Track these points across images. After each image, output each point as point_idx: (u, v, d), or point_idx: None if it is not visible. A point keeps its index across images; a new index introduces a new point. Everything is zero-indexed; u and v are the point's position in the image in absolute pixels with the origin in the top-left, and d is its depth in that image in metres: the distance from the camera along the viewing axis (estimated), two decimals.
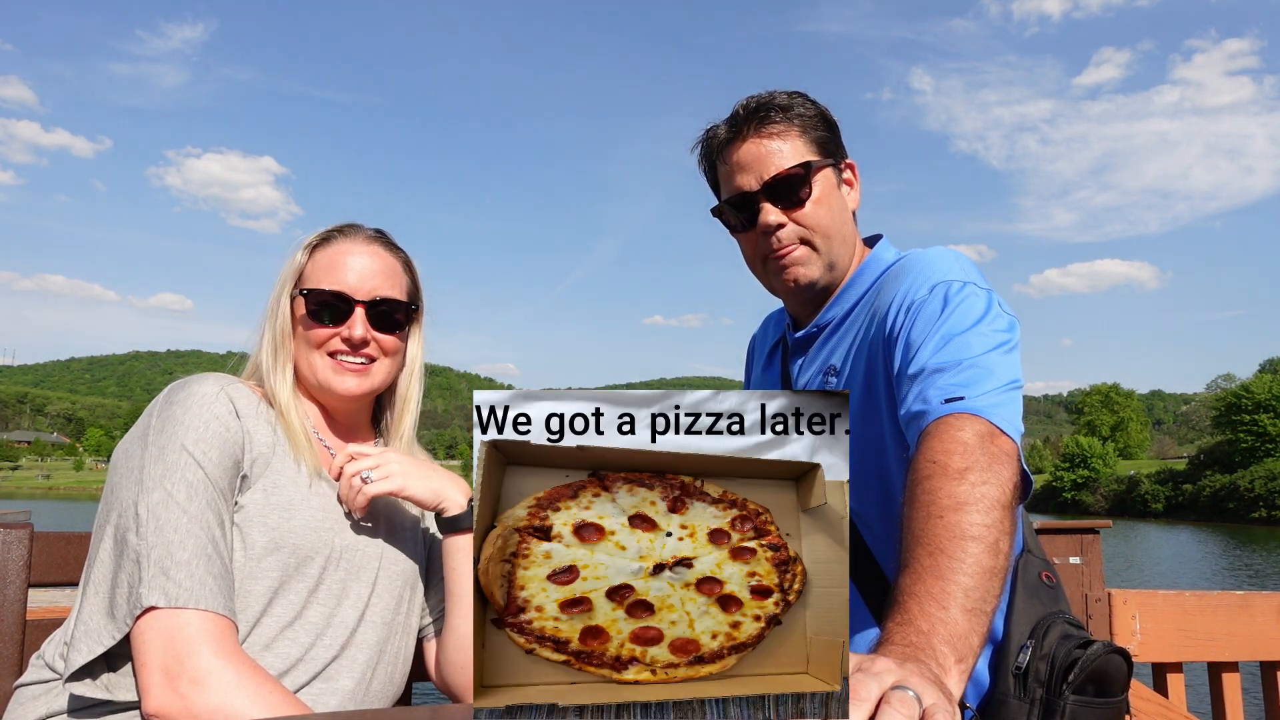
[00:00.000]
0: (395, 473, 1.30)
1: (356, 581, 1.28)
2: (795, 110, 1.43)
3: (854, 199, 1.49)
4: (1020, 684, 1.23)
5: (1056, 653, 1.23)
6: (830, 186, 1.44)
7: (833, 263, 1.45)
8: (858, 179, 1.50)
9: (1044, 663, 1.23)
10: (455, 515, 1.33)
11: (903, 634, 0.91)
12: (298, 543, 1.22)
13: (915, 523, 1.04)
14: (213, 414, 1.19)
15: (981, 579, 0.97)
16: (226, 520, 1.17)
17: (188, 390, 1.21)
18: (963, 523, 1.00)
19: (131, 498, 1.13)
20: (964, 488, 1.03)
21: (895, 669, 0.73)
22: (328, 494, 1.30)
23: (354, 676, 1.25)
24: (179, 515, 1.11)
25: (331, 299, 1.33)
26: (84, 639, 1.09)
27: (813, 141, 1.43)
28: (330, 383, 1.34)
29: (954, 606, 0.94)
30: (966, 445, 1.08)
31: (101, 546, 1.14)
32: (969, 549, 0.98)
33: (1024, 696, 1.22)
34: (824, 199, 1.43)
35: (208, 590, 1.09)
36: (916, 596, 0.95)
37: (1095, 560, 2.01)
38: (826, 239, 1.43)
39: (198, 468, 1.15)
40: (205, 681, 1.04)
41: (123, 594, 1.09)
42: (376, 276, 1.36)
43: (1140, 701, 1.99)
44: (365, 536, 1.32)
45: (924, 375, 1.20)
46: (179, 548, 1.09)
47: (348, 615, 1.26)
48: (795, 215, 1.41)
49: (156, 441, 1.16)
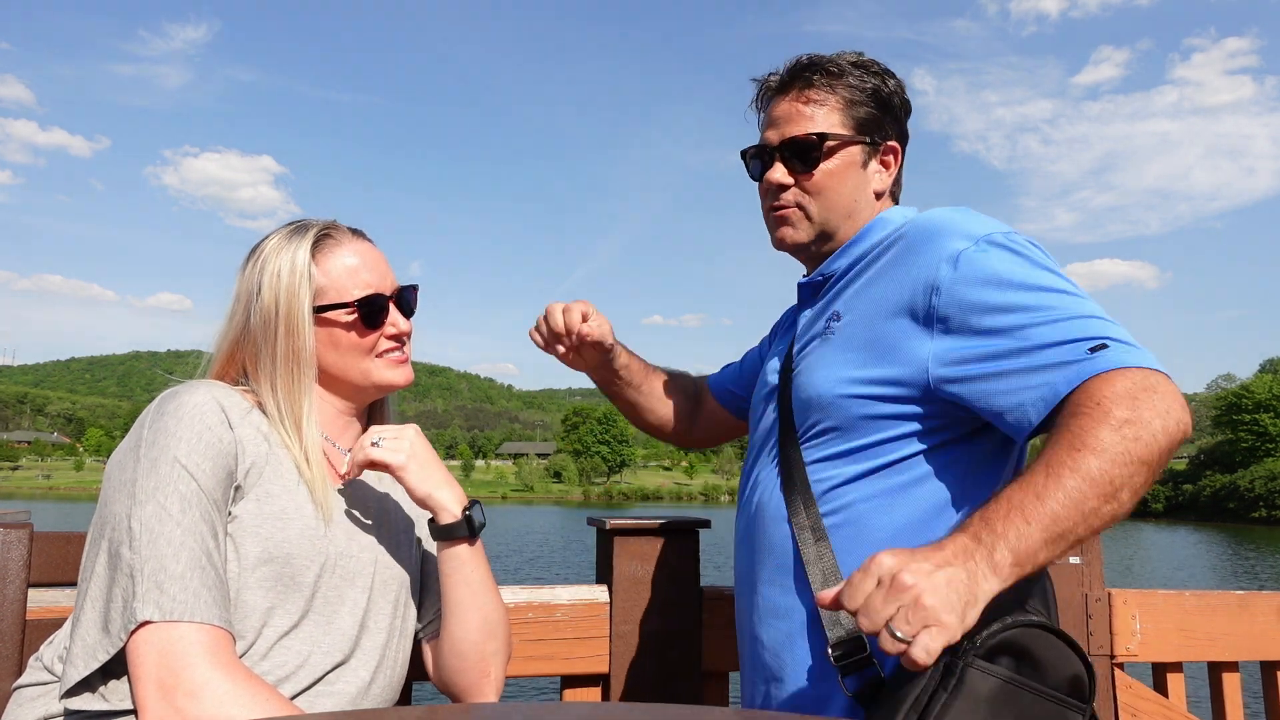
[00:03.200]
0: (403, 450, 1.28)
1: (352, 588, 1.26)
2: (845, 79, 1.43)
3: (883, 181, 1.46)
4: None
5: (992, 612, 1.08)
6: (850, 163, 1.42)
7: (827, 232, 1.44)
8: (898, 163, 1.48)
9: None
10: (448, 524, 1.31)
11: (974, 526, 0.99)
12: (291, 552, 1.20)
13: (1049, 448, 1.04)
14: (205, 425, 1.17)
15: (1076, 514, 0.99)
16: (220, 532, 1.16)
17: (179, 400, 1.19)
18: (1091, 464, 1.00)
19: (124, 511, 1.11)
20: (1115, 436, 1.01)
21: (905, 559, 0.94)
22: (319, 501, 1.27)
23: (354, 684, 1.24)
24: (172, 528, 1.10)
25: (376, 302, 1.31)
26: (80, 654, 1.09)
27: (851, 115, 1.42)
28: (389, 379, 1.33)
29: (1036, 524, 0.98)
30: (1130, 394, 1.04)
31: (96, 560, 1.12)
32: (1082, 485, 0.99)
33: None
34: (838, 173, 1.42)
35: (202, 602, 1.08)
36: (1010, 500, 1.00)
37: (1095, 560, 2.01)
38: (826, 209, 1.43)
39: (191, 480, 1.13)
40: (201, 694, 1.03)
41: (117, 608, 1.08)
42: (385, 264, 1.36)
43: (1140, 701, 1.99)
44: (359, 542, 1.30)
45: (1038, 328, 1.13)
46: (173, 560, 1.08)
47: (345, 623, 1.24)
48: (802, 180, 1.42)
49: (149, 454, 1.14)
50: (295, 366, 1.28)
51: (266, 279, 1.28)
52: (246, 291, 1.30)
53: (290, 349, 1.27)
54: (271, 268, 1.29)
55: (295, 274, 1.28)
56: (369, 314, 1.31)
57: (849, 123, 1.43)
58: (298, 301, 1.27)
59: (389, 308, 1.33)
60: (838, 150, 1.42)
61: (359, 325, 1.31)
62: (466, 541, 1.32)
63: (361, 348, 1.31)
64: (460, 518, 1.30)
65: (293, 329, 1.27)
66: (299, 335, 1.27)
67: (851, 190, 1.43)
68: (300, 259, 1.29)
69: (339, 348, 1.31)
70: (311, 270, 1.29)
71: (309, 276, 1.28)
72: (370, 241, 1.38)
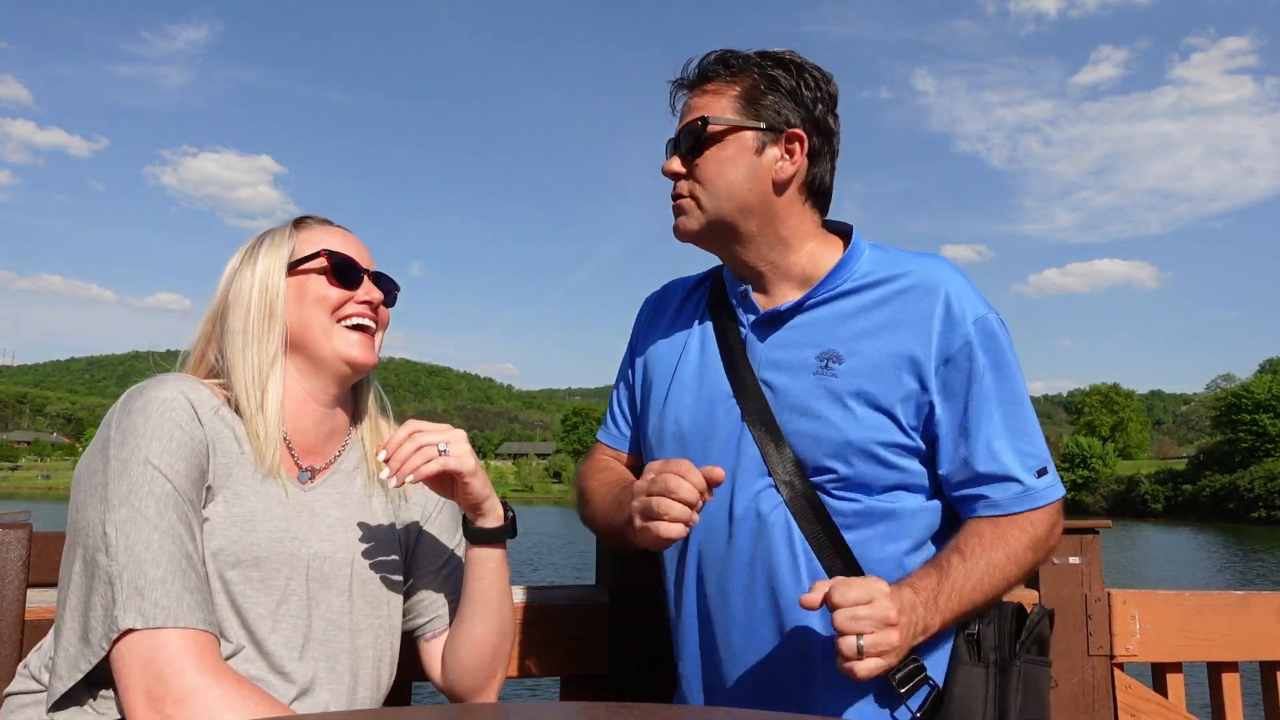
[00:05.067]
0: (469, 456, 1.24)
1: (327, 590, 1.24)
2: (748, 71, 1.40)
3: (785, 170, 1.39)
4: (974, 649, 1.34)
5: (1002, 615, 1.36)
6: (743, 149, 1.38)
7: (723, 222, 1.40)
8: (804, 152, 1.40)
9: (990, 627, 1.35)
10: (495, 527, 1.31)
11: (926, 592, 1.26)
12: (260, 555, 1.18)
13: (996, 547, 1.32)
14: (175, 422, 1.14)
15: (991, 581, 1.31)
16: (198, 532, 1.13)
17: (146, 397, 1.15)
18: (1013, 576, 1.33)
19: (98, 517, 1.08)
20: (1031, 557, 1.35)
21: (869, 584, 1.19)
22: (291, 502, 1.24)
23: (334, 689, 1.22)
24: (149, 531, 1.07)
25: (348, 261, 1.31)
26: (64, 666, 1.07)
27: (748, 103, 1.39)
28: (349, 351, 1.28)
29: (960, 609, 1.28)
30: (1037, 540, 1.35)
31: (73, 569, 1.10)
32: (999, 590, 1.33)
33: (979, 660, 1.33)
34: (729, 159, 1.38)
35: (185, 606, 1.06)
36: (954, 583, 1.28)
37: (1095, 560, 2.01)
38: (714, 198, 1.39)
39: (165, 481, 1.10)
40: (190, 700, 1.02)
41: (97, 617, 1.05)
42: (365, 252, 1.36)
43: (1140, 701, 1.99)
44: (334, 543, 1.27)
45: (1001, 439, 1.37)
46: (152, 565, 1.06)
47: (318, 626, 1.22)
48: (694, 168, 1.41)
49: (118, 455, 1.10)
50: (267, 319, 1.27)
51: (245, 254, 1.31)
52: (229, 270, 1.32)
53: (262, 302, 1.27)
54: (250, 246, 1.32)
55: (274, 243, 1.31)
56: (338, 265, 1.31)
57: (744, 110, 1.39)
58: (273, 259, 1.29)
59: (363, 278, 1.33)
60: (726, 135, 1.39)
61: (329, 275, 1.30)
62: (503, 545, 1.34)
63: (327, 302, 1.29)
64: (506, 521, 1.32)
65: (265, 283, 1.28)
66: (270, 288, 1.28)
67: (744, 178, 1.38)
68: (281, 231, 1.33)
69: (305, 299, 1.29)
70: (291, 235, 1.32)
71: (287, 239, 1.31)
72: (351, 234, 1.39)
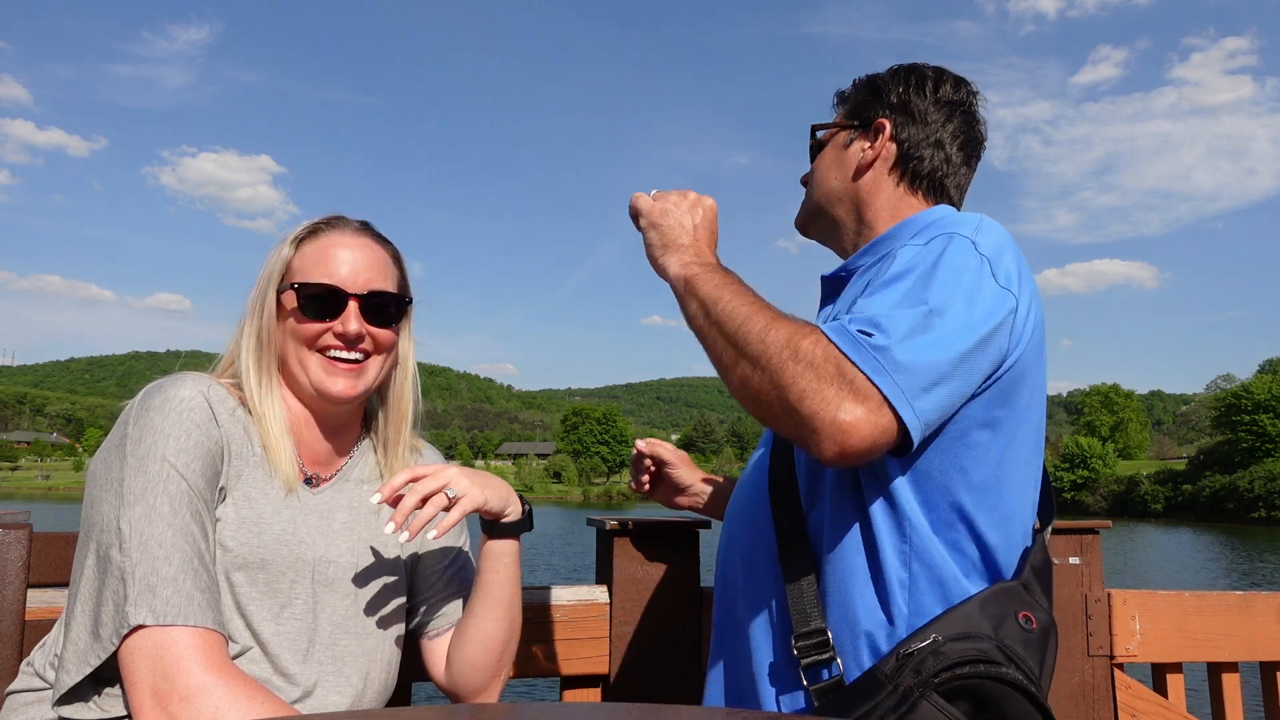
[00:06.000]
0: (471, 487, 1.26)
1: (331, 593, 1.25)
2: (854, 85, 1.56)
3: (865, 156, 1.46)
4: (900, 668, 1.11)
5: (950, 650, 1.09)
6: (836, 147, 1.52)
7: (819, 212, 1.54)
8: (887, 137, 1.46)
9: (934, 658, 1.10)
10: (513, 521, 1.33)
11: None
12: (266, 558, 1.19)
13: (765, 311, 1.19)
14: (193, 422, 1.15)
15: (735, 298, 1.21)
16: (211, 532, 1.14)
17: (164, 395, 1.16)
18: (759, 308, 1.19)
19: (113, 513, 1.09)
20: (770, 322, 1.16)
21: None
22: (299, 506, 1.26)
23: (341, 691, 1.23)
24: (163, 529, 1.08)
25: (323, 292, 1.27)
26: (72, 660, 1.07)
27: (844, 110, 1.54)
28: (323, 384, 1.27)
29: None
30: (799, 349, 1.10)
31: (85, 564, 1.10)
32: (750, 304, 1.20)
33: (895, 681, 1.10)
34: (825, 157, 1.54)
35: (195, 605, 1.07)
36: (729, 277, 1.27)
37: (1095, 560, 2.01)
38: (814, 192, 1.54)
39: (180, 479, 1.11)
40: (196, 699, 1.02)
41: (108, 612, 1.06)
42: (369, 269, 1.31)
43: (1140, 702, 1.99)
44: (339, 547, 1.28)
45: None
46: (164, 563, 1.07)
47: (324, 629, 1.23)
48: (810, 174, 1.58)
49: (135, 452, 1.11)
50: (264, 339, 1.29)
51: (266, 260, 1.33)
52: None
53: (257, 323, 1.29)
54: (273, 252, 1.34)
55: (279, 253, 1.32)
56: (307, 302, 1.28)
57: (842, 116, 1.54)
58: (270, 277, 1.30)
59: (347, 305, 1.28)
60: (828, 139, 1.54)
61: (309, 311, 1.28)
62: (518, 538, 1.35)
63: (301, 336, 1.28)
64: (523, 514, 1.35)
65: (261, 301, 1.30)
66: (264, 308, 1.29)
67: (831, 169, 1.52)
68: (280, 248, 1.32)
69: (284, 330, 1.30)
70: (290, 251, 1.31)
71: (284, 256, 1.31)
72: (372, 240, 1.35)
